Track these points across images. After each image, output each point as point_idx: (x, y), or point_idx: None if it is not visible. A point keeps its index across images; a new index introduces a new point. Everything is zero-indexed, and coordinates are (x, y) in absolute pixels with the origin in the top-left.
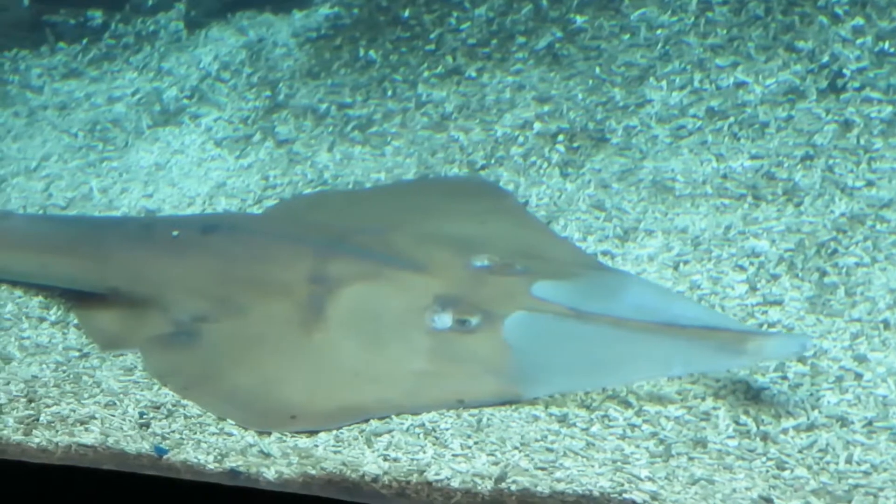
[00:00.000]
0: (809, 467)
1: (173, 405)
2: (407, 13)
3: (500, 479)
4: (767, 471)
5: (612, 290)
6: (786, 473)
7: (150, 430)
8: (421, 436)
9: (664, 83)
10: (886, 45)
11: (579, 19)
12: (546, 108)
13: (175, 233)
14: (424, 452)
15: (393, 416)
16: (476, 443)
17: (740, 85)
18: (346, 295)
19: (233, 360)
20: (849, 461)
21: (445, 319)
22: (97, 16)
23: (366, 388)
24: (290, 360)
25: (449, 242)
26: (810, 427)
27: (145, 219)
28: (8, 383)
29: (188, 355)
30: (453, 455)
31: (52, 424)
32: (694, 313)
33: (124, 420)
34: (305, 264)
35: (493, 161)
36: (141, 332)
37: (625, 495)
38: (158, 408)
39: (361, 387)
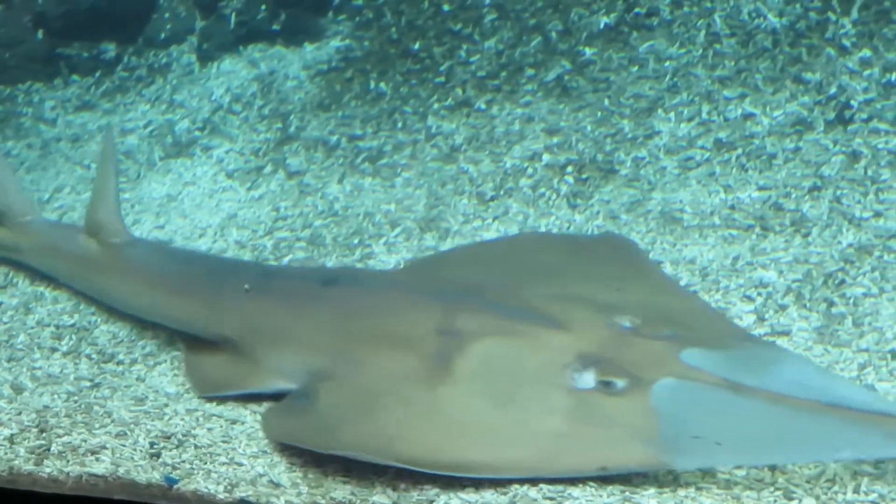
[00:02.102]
0: (818, 497)
1: (183, 435)
2: (417, 46)
3: None
4: (775, 500)
5: (767, 364)
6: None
7: (160, 459)
8: None
9: (672, 115)
10: (894, 76)
11: (588, 52)
12: (555, 139)
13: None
14: None
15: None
16: None
17: (748, 116)
18: (477, 349)
19: (355, 418)
20: (856, 491)
21: (588, 379)
22: (110, 49)
23: (497, 446)
24: (416, 416)
25: (586, 300)
26: None
27: (265, 267)
28: (20, 413)
29: (308, 414)
30: None
31: (64, 454)
32: (861, 396)
33: (135, 450)
34: (432, 317)
35: (502, 192)
36: (248, 382)
37: None
38: (169, 437)
39: (492, 445)
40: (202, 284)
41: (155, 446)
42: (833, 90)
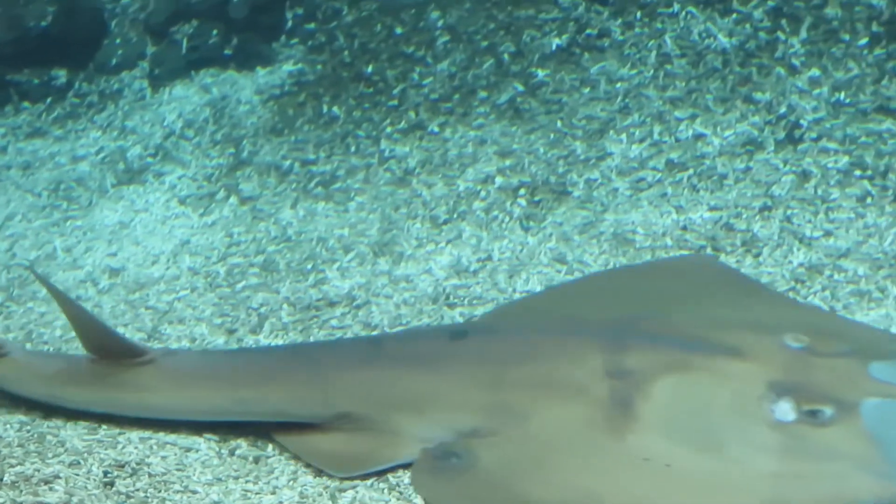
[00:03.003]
0: None
1: (137, 463)
2: (370, 69)
3: None
4: None
5: None
6: None
7: (114, 488)
8: (385, 490)
9: (624, 136)
10: (842, 95)
11: (540, 73)
12: (508, 162)
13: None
14: None
15: None
16: None
17: (699, 137)
18: (659, 389)
19: (528, 476)
20: None
21: (786, 409)
22: (61, 75)
23: (715, 496)
24: (602, 470)
25: (743, 323)
26: None
27: (369, 337)
28: None
29: (469, 477)
30: None
31: (17, 484)
32: None
33: (88, 479)
34: (595, 358)
35: (455, 216)
36: (393, 454)
37: None
38: (122, 466)
39: (710, 495)
40: (294, 369)
41: (109, 475)
42: (783, 110)
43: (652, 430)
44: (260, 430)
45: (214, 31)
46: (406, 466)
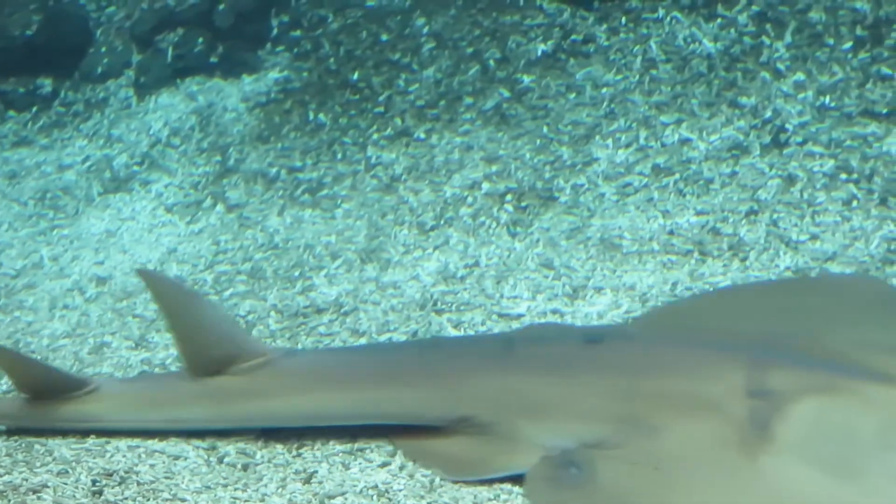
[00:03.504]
0: None
1: (126, 472)
2: (356, 76)
3: None
4: None
5: None
6: None
7: (102, 497)
8: (375, 497)
9: (610, 141)
10: (827, 99)
11: (526, 79)
12: (494, 168)
13: None
14: None
15: None
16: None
17: (685, 142)
18: (800, 411)
19: (650, 493)
20: None
21: None
22: (47, 84)
23: None
24: (732, 492)
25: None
26: None
27: (499, 337)
28: None
29: (587, 490)
30: None
31: (4, 493)
32: None
33: (77, 488)
34: (737, 375)
35: (442, 222)
36: (512, 462)
37: None
38: (111, 475)
39: None
40: (422, 369)
41: (97, 484)
42: (768, 114)
43: (789, 454)
44: (247, 436)
45: (200, 40)
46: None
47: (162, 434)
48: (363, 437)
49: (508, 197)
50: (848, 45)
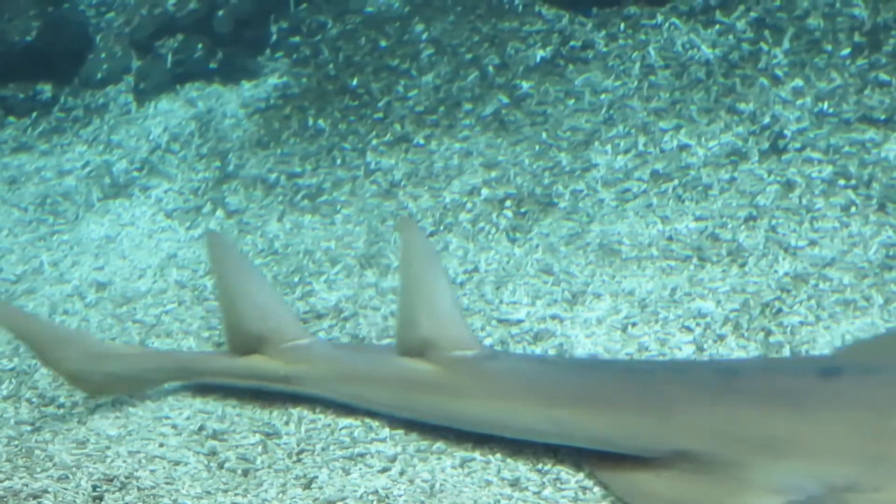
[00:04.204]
0: None
1: (126, 477)
2: (355, 82)
3: None
4: None
5: None
6: None
7: (103, 502)
8: (375, 502)
9: (609, 147)
10: (825, 105)
11: (525, 85)
12: (493, 173)
13: None
14: None
15: None
16: None
17: (684, 147)
18: None
19: None
20: None
21: None
22: (46, 90)
23: None
24: None
25: None
26: None
27: (717, 365)
28: None
29: None
30: None
31: (5, 499)
32: None
33: (77, 493)
34: None
35: (441, 227)
36: (728, 503)
37: None
38: (111, 480)
39: None
40: (627, 393)
41: (97, 489)
42: (767, 120)
43: None
44: (248, 442)
45: (199, 46)
46: None
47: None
48: (363, 442)
49: (507, 203)
50: (846, 51)
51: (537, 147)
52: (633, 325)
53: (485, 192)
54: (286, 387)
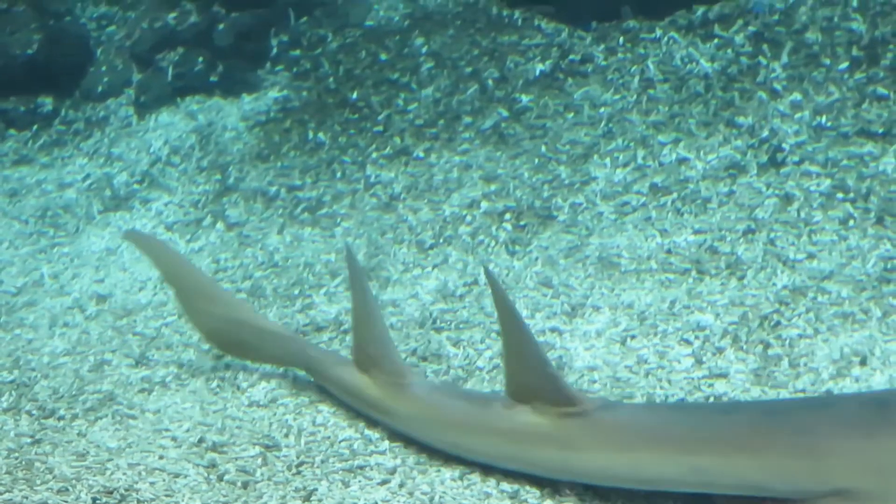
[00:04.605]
0: None
1: (126, 490)
2: (355, 95)
3: None
4: None
5: None
6: None
7: None
8: None
9: (608, 160)
10: (824, 119)
11: (524, 98)
12: (493, 186)
13: None
14: None
15: None
16: None
17: (682, 161)
18: None
19: None
20: None
21: None
22: (47, 102)
23: None
24: None
25: None
26: None
27: (863, 397)
28: None
29: None
30: None
31: None
32: None
33: None
34: None
35: (441, 240)
36: None
37: None
38: (111, 492)
39: None
40: (772, 434)
41: (97, 501)
42: (765, 133)
43: None
44: (247, 455)
45: (200, 59)
46: None
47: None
48: (363, 455)
49: (507, 216)
50: (844, 65)
51: (536, 160)
52: (633, 337)
53: (484, 205)
54: (383, 417)
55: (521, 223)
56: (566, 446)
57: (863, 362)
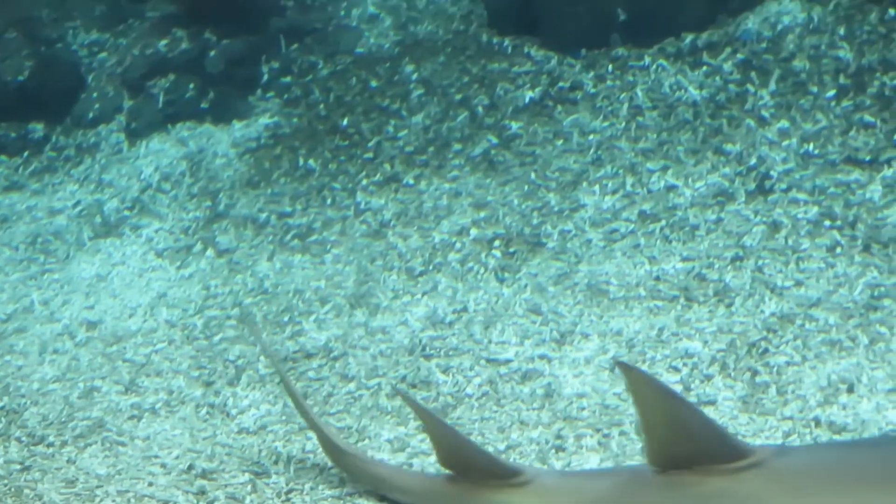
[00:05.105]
0: None
1: None
2: (346, 122)
3: None
4: None
5: None
6: None
7: None
8: None
9: (597, 187)
10: (811, 146)
11: (514, 125)
12: (482, 213)
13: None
14: None
15: None
16: None
17: (671, 188)
18: None
19: None
20: None
21: None
22: (38, 129)
23: None
24: None
25: None
26: None
27: None
28: None
29: None
30: None
31: None
32: None
33: None
34: None
35: (431, 267)
36: None
37: None
38: None
39: None
40: None
41: None
42: (753, 161)
43: None
44: (237, 482)
45: (191, 85)
46: None
47: None
48: (352, 483)
49: (496, 243)
50: (831, 92)
51: (526, 187)
52: None
53: (474, 232)
54: None
55: (511, 250)
56: (745, 499)
57: (850, 389)
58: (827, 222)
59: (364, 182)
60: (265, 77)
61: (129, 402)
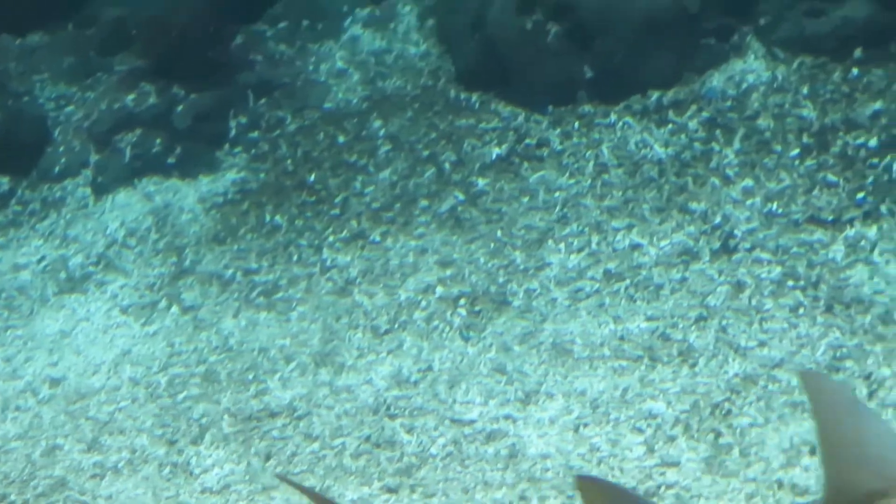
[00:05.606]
0: None
1: None
2: (313, 177)
3: None
4: None
5: None
6: None
7: None
8: None
9: (562, 245)
10: (775, 205)
11: (481, 182)
12: (448, 271)
13: None
14: None
15: None
16: None
17: (636, 247)
18: None
19: None
20: None
21: None
22: (3, 182)
23: None
24: None
25: None
26: None
27: None
28: None
29: None
30: None
31: None
32: None
33: None
34: None
35: (396, 326)
36: None
37: None
38: None
39: None
40: None
41: None
42: (718, 220)
43: None
44: None
45: (158, 140)
46: None
47: None
48: None
49: (462, 301)
50: (795, 151)
51: (492, 245)
52: (585, 425)
53: (439, 290)
54: None
55: (476, 308)
56: None
57: (812, 452)
58: (790, 282)
59: (331, 238)
60: (233, 132)
61: (92, 460)
